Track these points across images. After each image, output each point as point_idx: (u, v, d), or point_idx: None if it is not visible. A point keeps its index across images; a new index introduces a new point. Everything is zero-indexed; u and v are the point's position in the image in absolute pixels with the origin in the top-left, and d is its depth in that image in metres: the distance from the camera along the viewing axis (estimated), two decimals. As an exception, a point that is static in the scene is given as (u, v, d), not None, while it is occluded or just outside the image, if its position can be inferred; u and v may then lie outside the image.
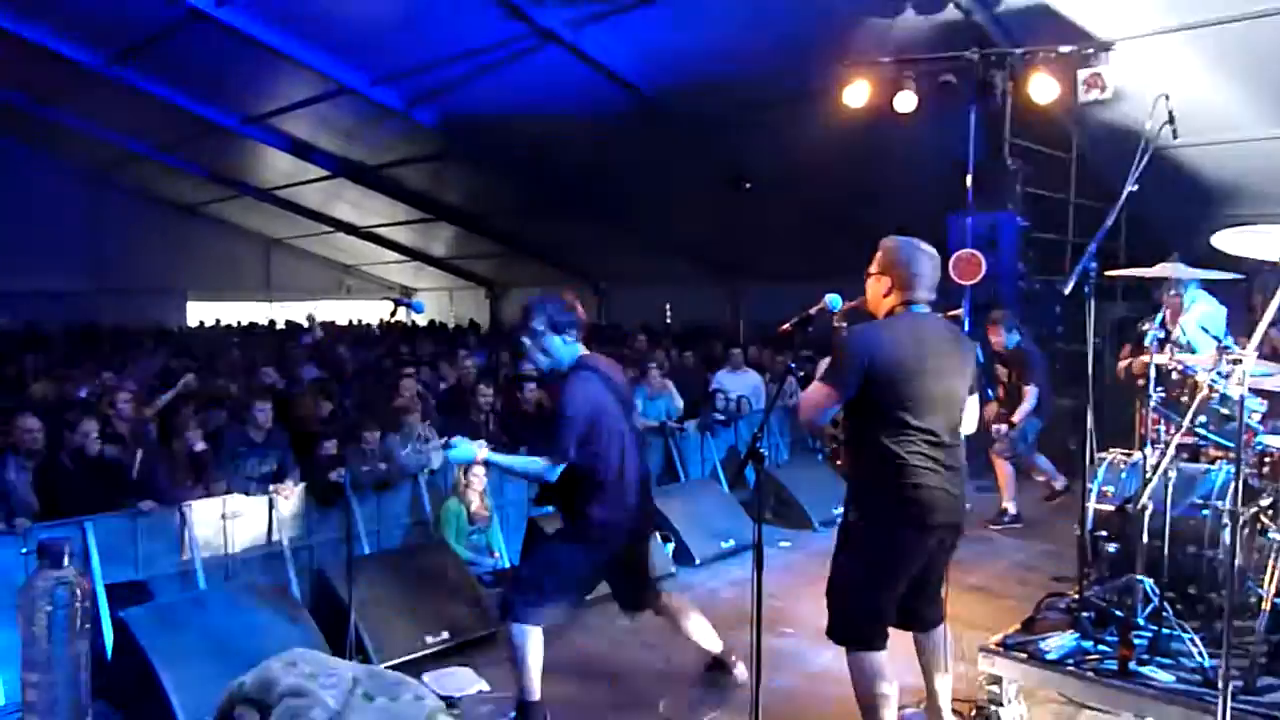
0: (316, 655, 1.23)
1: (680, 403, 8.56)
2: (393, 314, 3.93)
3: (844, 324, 3.26)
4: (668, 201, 13.11)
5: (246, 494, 5.61)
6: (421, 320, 18.89)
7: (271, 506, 5.63)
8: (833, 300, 3.15)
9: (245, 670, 3.53)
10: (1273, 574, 3.59)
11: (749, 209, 11.92)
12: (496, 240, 18.04)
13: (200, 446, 6.04)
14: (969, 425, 3.38)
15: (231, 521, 5.43)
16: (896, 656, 3.37)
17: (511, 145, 12.25)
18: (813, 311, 3.12)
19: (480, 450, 3.68)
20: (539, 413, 7.31)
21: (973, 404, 3.38)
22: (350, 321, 21.02)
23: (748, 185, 11.45)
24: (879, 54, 7.79)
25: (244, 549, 5.50)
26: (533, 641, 3.66)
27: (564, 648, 4.46)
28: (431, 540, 5.94)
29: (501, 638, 3.89)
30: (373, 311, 22.52)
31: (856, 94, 7.90)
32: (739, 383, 8.96)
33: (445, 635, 4.64)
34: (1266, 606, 3.51)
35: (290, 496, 5.69)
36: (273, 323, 19.78)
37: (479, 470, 6.36)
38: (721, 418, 8.59)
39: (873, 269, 3.28)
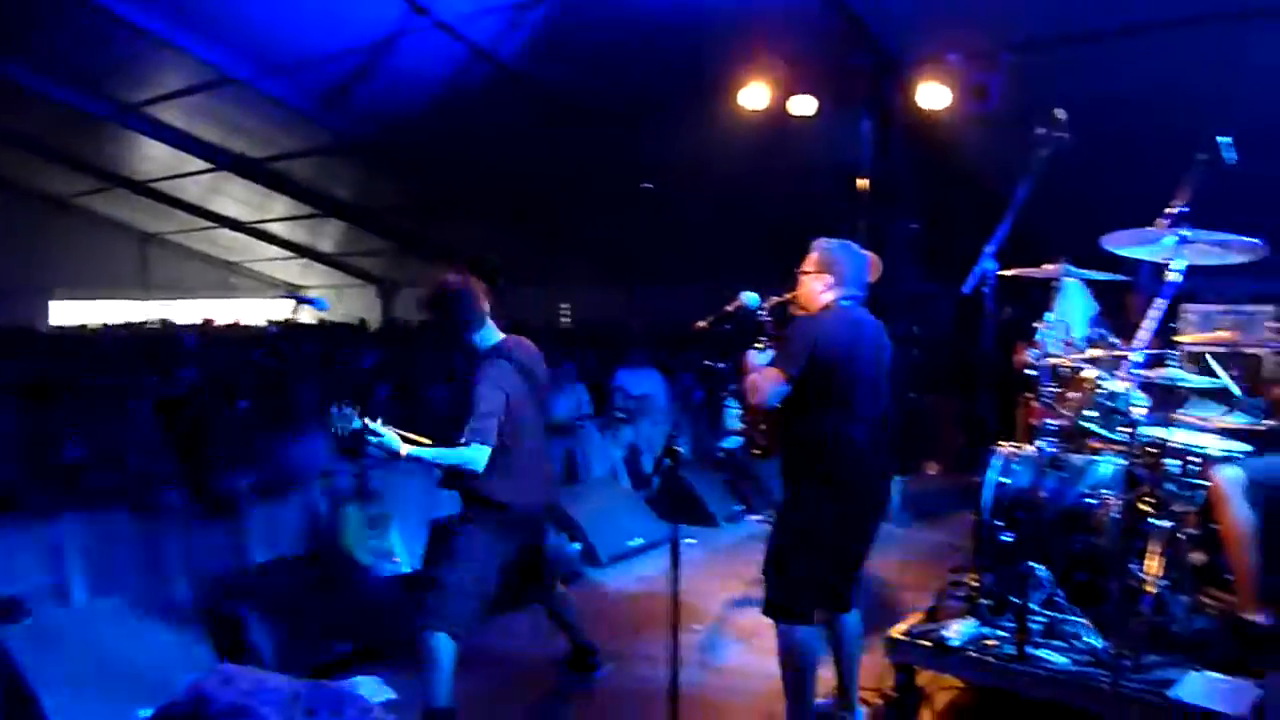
0: (249, 671, 1.16)
1: (586, 402, 8.55)
2: (294, 311, 3.77)
3: (771, 317, 3.55)
4: (565, 201, 13.07)
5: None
6: (305, 318, 18.32)
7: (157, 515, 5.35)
8: (750, 298, 3.25)
9: (137, 692, 3.34)
10: (1155, 559, 3.81)
11: (648, 209, 11.98)
12: (388, 237, 17.66)
13: (76, 454, 5.71)
14: None
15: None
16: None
17: (403, 139, 11.97)
18: (730, 309, 3.21)
19: (403, 447, 3.53)
20: (450, 411, 7.16)
21: None
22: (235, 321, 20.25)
23: (647, 186, 11.50)
24: (776, 57, 7.92)
25: (127, 560, 5.20)
26: (443, 646, 3.57)
27: (478, 650, 4.38)
28: (329, 546, 5.75)
29: (411, 643, 3.79)
30: (259, 311, 21.75)
31: (754, 96, 8.00)
32: (640, 381, 8.98)
33: (348, 644, 4.50)
34: (1150, 590, 3.72)
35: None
36: (149, 322, 18.87)
37: (377, 473, 6.22)
38: (622, 416, 8.59)
39: (809, 267, 3.54)
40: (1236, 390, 4.12)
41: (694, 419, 8.64)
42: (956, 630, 3.83)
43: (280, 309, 22.82)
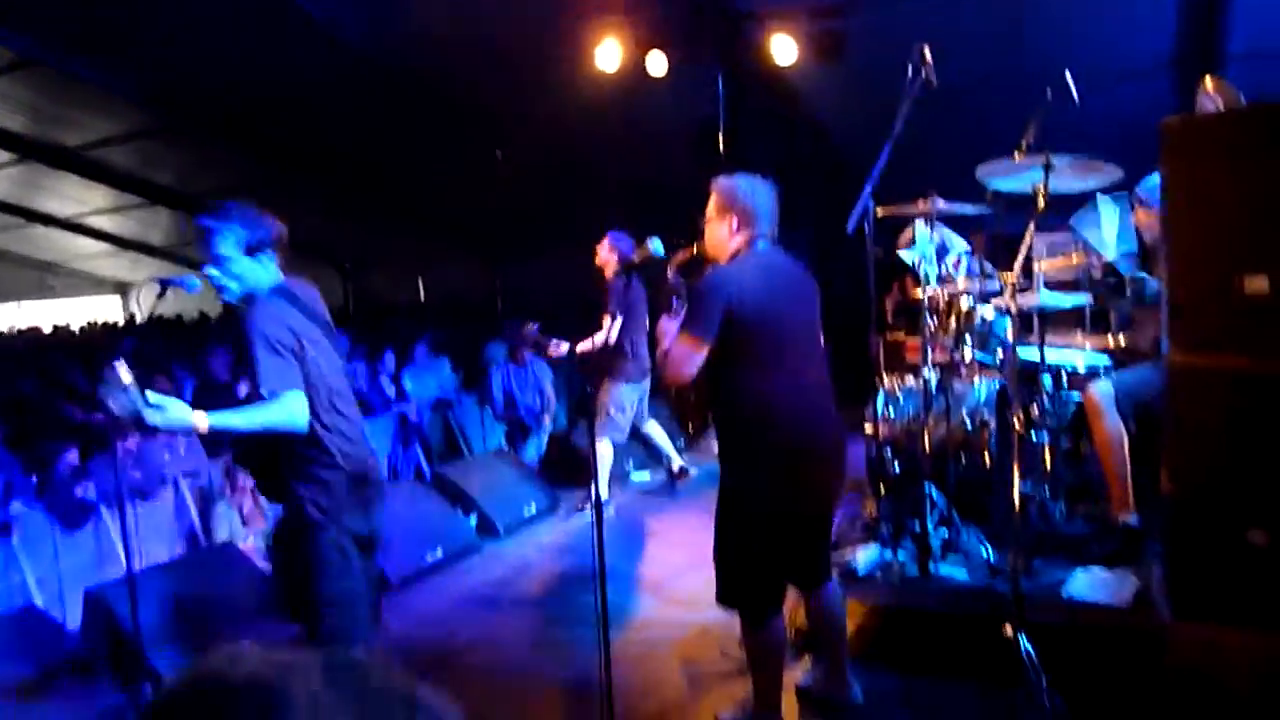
0: (247, 645, 1.05)
1: (450, 377, 8.40)
2: (160, 296, 3.48)
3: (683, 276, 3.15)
4: (416, 175, 12.67)
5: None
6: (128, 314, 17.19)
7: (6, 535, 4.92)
8: (655, 245, 3.07)
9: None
10: (1034, 472, 4.08)
11: (504, 180, 11.76)
12: (224, 224, 16.71)
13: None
14: None
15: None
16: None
17: (230, 116, 11.27)
18: (636, 259, 3.08)
19: (199, 418, 2.78)
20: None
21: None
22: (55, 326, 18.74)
23: (500, 155, 11.29)
24: (626, 14, 7.89)
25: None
26: None
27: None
28: (206, 547, 5.47)
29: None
30: (83, 311, 20.25)
31: (607, 55, 7.95)
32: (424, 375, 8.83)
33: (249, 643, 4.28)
34: (1034, 500, 3.99)
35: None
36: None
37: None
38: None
39: (711, 212, 3.12)
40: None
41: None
42: (861, 558, 3.99)
43: (104, 308, 21.33)
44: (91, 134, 12.46)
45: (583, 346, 6.08)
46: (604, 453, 6.25)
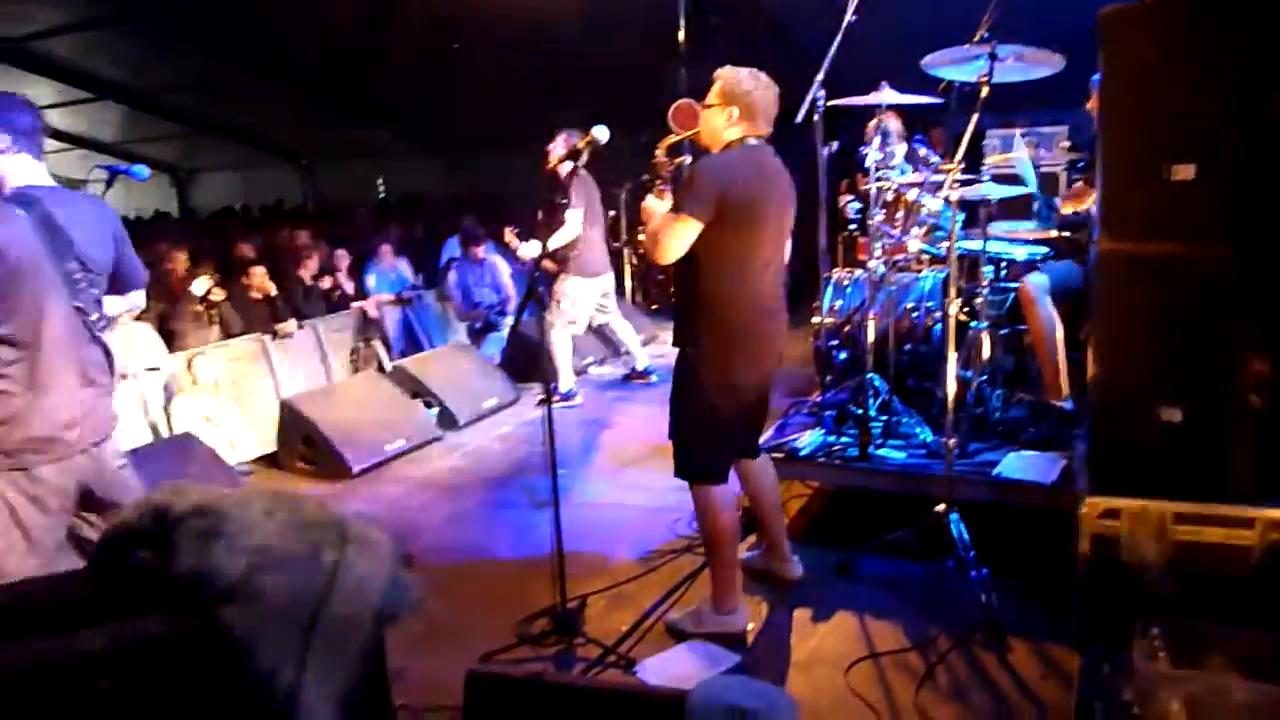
0: (185, 483, 1.13)
1: (413, 277, 8.40)
2: (108, 186, 3.45)
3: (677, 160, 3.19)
4: (371, 65, 12.33)
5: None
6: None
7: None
8: (600, 131, 3.09)
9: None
10: (973, 359, 4.22)
11: (460, 71, 11.49)
12: (176, 120, 16.25)
13: None
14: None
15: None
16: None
17: (182, 7, 10.90)
18: (580, 145, 3.09)
19: None
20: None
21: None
22: None
23: (455, 45, 11.02)
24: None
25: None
26: None
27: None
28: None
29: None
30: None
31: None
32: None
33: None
34: (972, 386, 4.14)
35: None
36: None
37: (202, 363, 5.96)
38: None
39: (712, 100, 3.15)
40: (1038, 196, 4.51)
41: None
42: (805, 440, 4.14)
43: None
44: (35, 24, 11.97)
45: (554, 243, 6.08)
46: (560, 343, 6.36)
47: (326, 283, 7.74)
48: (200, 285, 6.44)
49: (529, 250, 6.29)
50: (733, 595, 3.31)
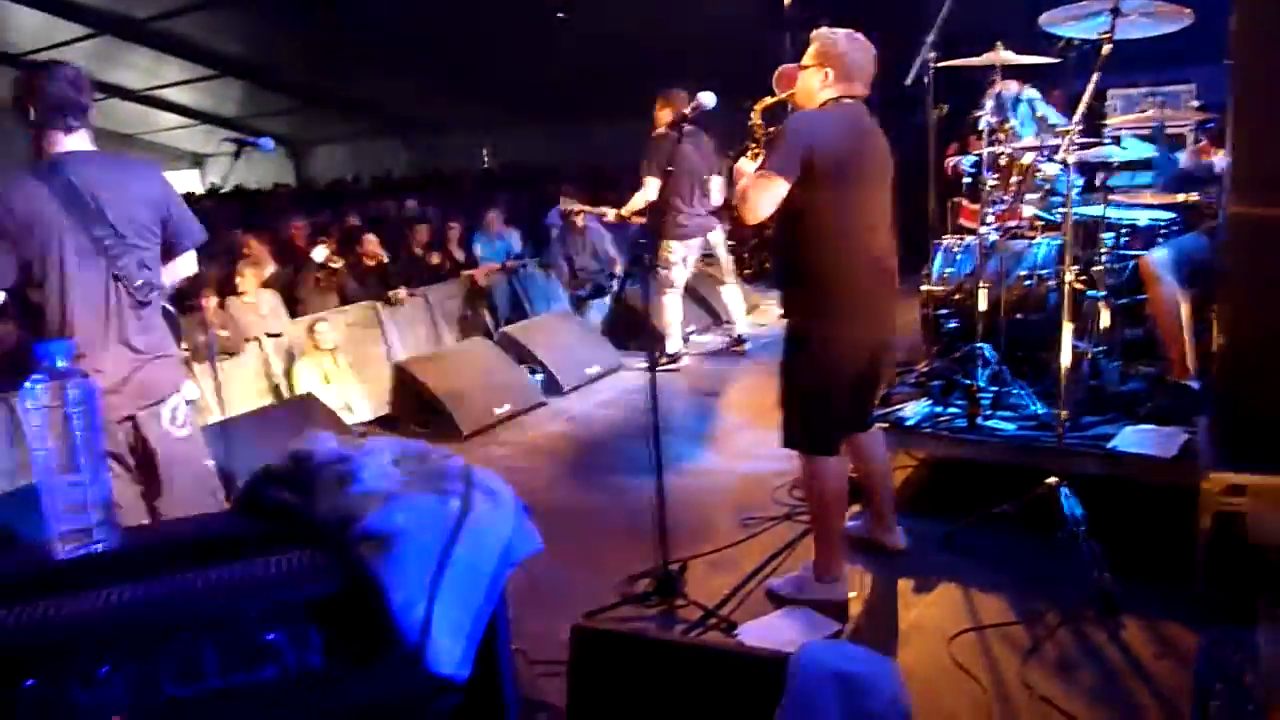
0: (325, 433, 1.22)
1: (519, 244, 8.55)
2: (235, 157, 3.62)
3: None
4: (477, 39, 12.54)
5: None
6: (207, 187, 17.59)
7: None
8: (707, 97, 3.08)
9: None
10: (1090, 330, 4.08)
11: (564, 43, 11.58)
12: (292, 94, 16.86)
13: None
14: None
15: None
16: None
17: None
18: (688, 111, 3.09)
19: None
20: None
21: None
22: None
23: (561, 16, 11.09)
24: None
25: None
26: None
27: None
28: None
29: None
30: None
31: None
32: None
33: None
34: (1088, 358, 4.01)
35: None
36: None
37: (324, 328, 6.22)
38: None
39: (809, 60, 3.10)
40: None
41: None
42: (911, 410, 4.09)
43: (184, 180, 21.82)
44: (160, 4, 12.56)
45: (628, 209, 6.13)
46: (670, 305, 6.44)
47: (436, 259, 7.94)
48: (320, 253, 6.72)
49: (600, 218, 6.37)
50: (836, 563, 3.30)
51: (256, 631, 1.04)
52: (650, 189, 6.06)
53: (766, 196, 2.92)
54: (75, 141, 2.75)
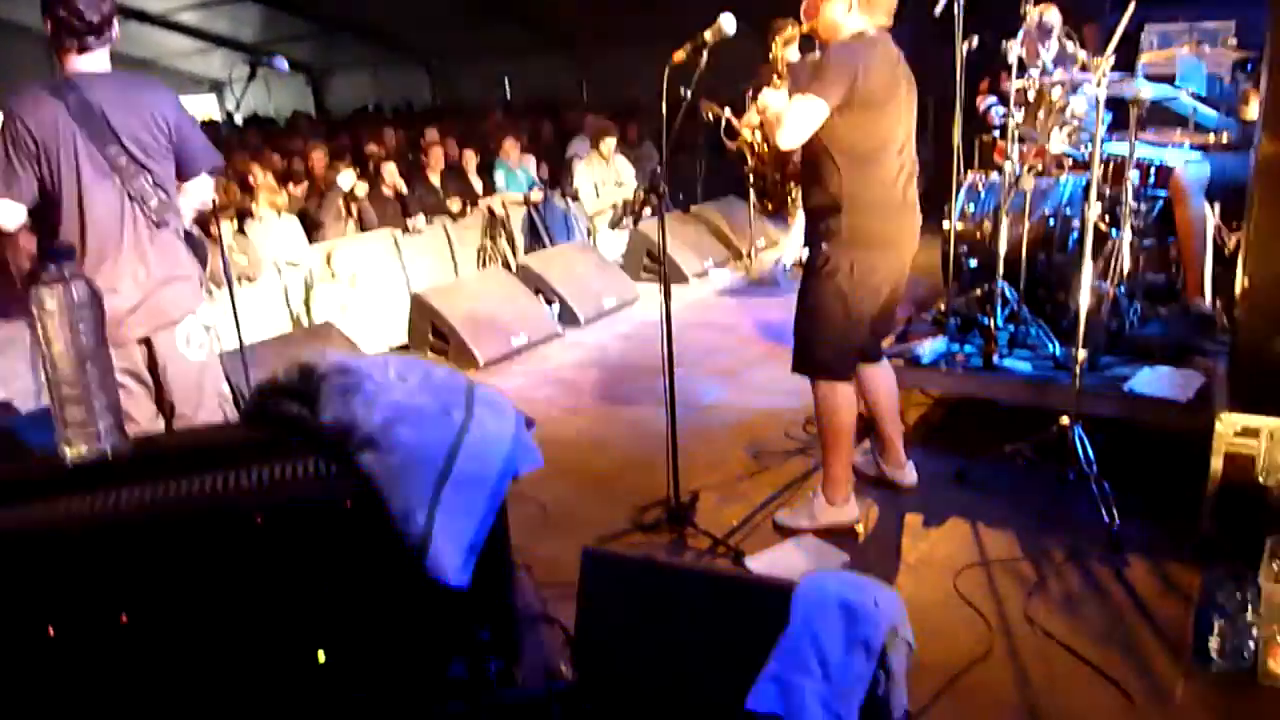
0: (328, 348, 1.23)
1: (538, 175, 8.48)
2: (251, 77, 3.58)
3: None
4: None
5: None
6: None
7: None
8: (727, 22, 2.99)
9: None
10: (1111, 270, 4.02)
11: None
12: (311, 19, 16.62)
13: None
14: None
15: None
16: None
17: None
18: (707, 36, 3.01)
19: None
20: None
21: None
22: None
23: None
24: None
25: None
26: None
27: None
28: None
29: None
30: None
31: None
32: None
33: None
34: (1108, 298, 3.96)
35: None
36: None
37: (341, 257, 6.23)
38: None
39: None
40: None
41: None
42: (927, 348, 4.07)
43: (201, 105, 21.67)
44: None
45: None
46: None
47: (455, 205, 7.81)
48: (346, 179, 6.69)
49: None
50: (844, 487, 3.34)
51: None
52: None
53: (807, 120, 2.88)
54: (91, 62, 2.78)
